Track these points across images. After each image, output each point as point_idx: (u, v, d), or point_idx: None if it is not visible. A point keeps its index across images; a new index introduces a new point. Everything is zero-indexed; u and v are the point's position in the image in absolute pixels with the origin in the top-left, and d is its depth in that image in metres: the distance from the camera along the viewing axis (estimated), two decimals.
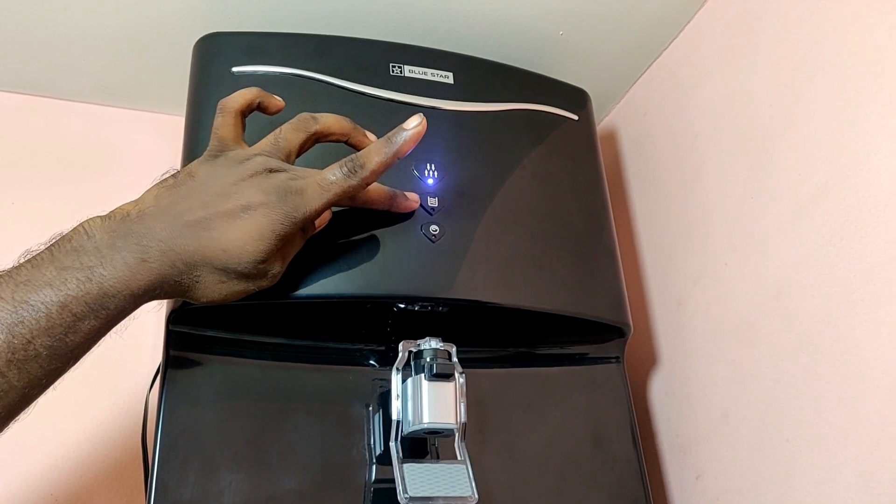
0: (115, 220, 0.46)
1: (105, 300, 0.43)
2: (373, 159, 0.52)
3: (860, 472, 0.56)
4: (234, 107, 0.54)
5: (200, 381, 0.59)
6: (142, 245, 0.45)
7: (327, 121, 0.56)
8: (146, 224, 0.46)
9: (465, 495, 0.55)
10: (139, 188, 0.87)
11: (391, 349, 0.62)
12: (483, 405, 0.66)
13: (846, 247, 0.59)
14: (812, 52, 0.64)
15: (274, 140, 0.53)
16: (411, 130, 0.53)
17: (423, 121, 0.53)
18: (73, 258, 0.43)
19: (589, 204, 0.73)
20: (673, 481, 0.78)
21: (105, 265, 0.43)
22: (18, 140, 0.85)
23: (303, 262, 0.56)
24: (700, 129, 0.78)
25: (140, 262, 0.44)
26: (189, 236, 0.46)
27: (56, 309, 0.41)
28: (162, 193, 0.49)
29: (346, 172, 0.51)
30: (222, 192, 0.48)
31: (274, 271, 0.51)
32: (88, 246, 0.44)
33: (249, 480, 0.56)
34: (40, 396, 0.43)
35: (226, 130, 0.53)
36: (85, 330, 0.42)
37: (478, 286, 0.62)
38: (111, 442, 0.76)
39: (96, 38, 0.78)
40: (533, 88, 0.75)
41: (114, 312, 0.44)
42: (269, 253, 0.49)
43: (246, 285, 0.50)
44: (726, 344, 0.72)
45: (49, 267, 0.42)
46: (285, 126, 0.54)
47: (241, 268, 0.48)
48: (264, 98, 0.56)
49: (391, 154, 0.52)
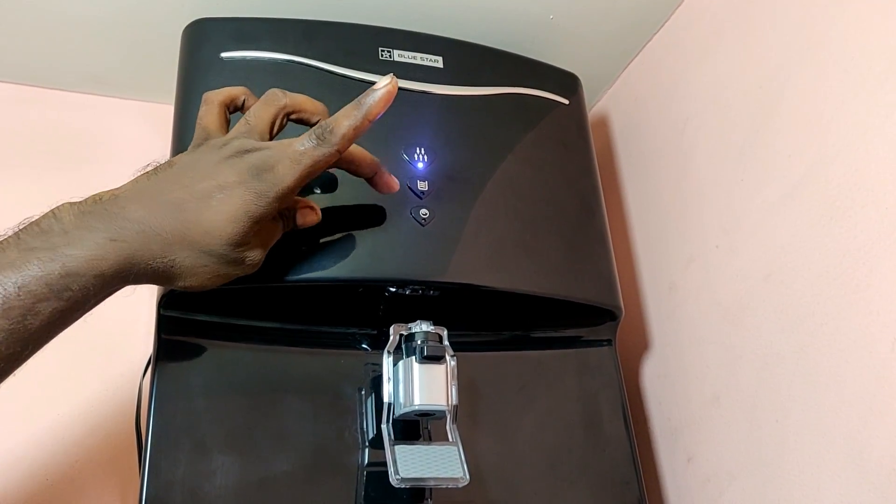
0: (86, 204, 0.45)
1: (68, 280, 0.41)
2: (342, 123, 0.50)
3: (850, 451, 0.56)
4: (218, 98, 0.54)
5: (192, 364, 0.59)
6: (113, 224, 0.44)
7: (298, 98, 0.54)
8: (119, 205, 0.45)
9: (457, 476, 0.56)
10: (128, 177, 0.86)
11: (383, 333, 0.62)
12: (475, 388, 0.66)
13: (836, 227, 0.59)
14: (802, 34, 0.64)
15: (244, 121, 0.52)
16: (381, 90, 0.50)
17: (394, 80, 0.51)
18: (40, 240, 0.42)
19: (580, 188, 0.73)
20: (665, 464, 0.79)
21: (72, 245, 0.42)
22: (5, 129, 0.85)
23: (294, 246, 0.56)
24: (691, 113, 0.78)
25: (109, 241, 0.43)
26: (164, 215, 0.45)
27: (14, 290, 0.39)
28: (140, 179, 0.48)
29: (316, 141, 0.49)
30: (199, 174, 0.48)
31: (252, 257, 0.50)
32: (56, 227, 0.42)
33: (241, 463, 0.56)
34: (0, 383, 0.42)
35: (209, 119, 0.53)
36: (46, 312, 0.41)
37: (468, 270, 0.62)
38: (105, 425, 0.76)
39: (83, 27, 0.77)
40: (523, 73, 0.75)
41: (78, 294, 0.42)
42: (246, 235, 0.48)
43: (226, 270, 0.49)
44: (717, 326, 0.72)
45: (13, 249, 0.41)
46: (255, 104, 0.53)
47: (218, 250, 0.47)
48: (250, 98, 0.56)
49: (361, 117, 0.50)
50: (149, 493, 0.53)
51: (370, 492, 0.60)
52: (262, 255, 0.51)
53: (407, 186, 0.63)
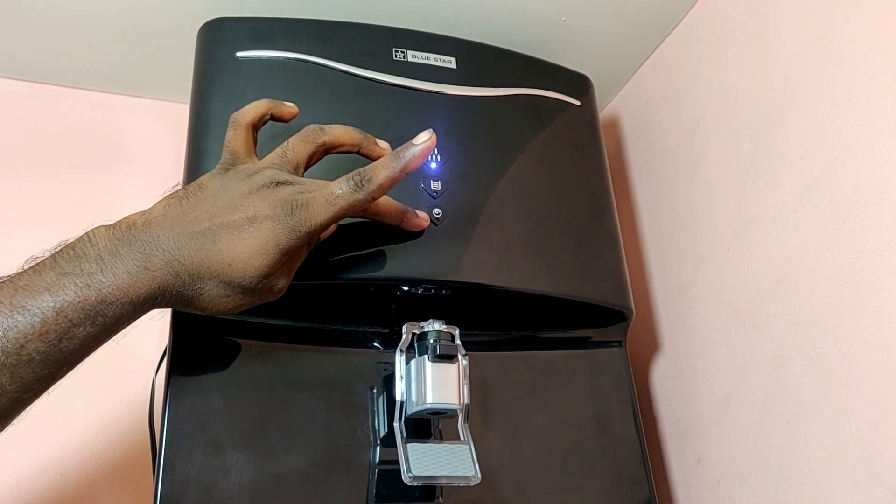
0: (119, 229, 0.46)
1: (103, 307, 0.43)
2: (380, 174, 0.51)
3: (861, 453, 0.56)
4: (246, 120, 0.55)
5: (207, 362, 0.59)
6: (145, 253, 0.45)
7: (336, 132, 0.55)
8: (152, 233, 0.46)
9: (469, 475, 0.56)
10: (143, 176, 0.87)
11: (394, 332, 0.63)
12: (486, 388, 0.66)
13: (848, 230, 0.59)
14: (815, 36, 0.64)
15: (282, 153, 0.53)
16: (420, 146, 0.52)
17: (433, 136, 0.53)
18: (75, 264, 0.43)
19: (591, 189, 0.73)
20: (674, 465, 0.79)
21: (105, 272, 0.43)
22: (24, 127, 0.86)
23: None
24: (702, 114, 0.79)
25: (142, 269, 0.44)
26: (195, 247, 0.46)
27: (52, 314, 0.41)
28: (171, 204, 0.49)
29: (353, 186, 0.50)
30: (230, 204, 0.48)
31: (279, 286, 0.51)
32: (91, 253, 0.44)
33: (255, 460, 0.57)
34: (35, 401, 0.42)
35: (237, 143, 0.54)
36: (80, 336, 0.42)
37: (481, 269, 0.63)
38: (119, 421, 0.76)
39: (100, 25, 0.78)
40: (535, 74, 0.75)
41: (111, 320, 0.43)
42: (274, 267, 0.49)
43: (251, 299, 0.50)
44: (728, 328, 0.72)
45: (49, 273, 0.42)
46: (293, 138, 0.54)
47: (246, 282, 0.48)
48: (276, 108, 0.56)
49: (399, 169, 0.51)
50: (164, 490, 0.53)
51: (381, 489, 0.60)
52: (289, 281, 0.52)
53: (420, 186, 0.63)
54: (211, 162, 0.60)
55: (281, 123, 0.58)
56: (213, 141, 0.61)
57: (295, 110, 0.58)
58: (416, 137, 0.53)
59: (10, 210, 0.82)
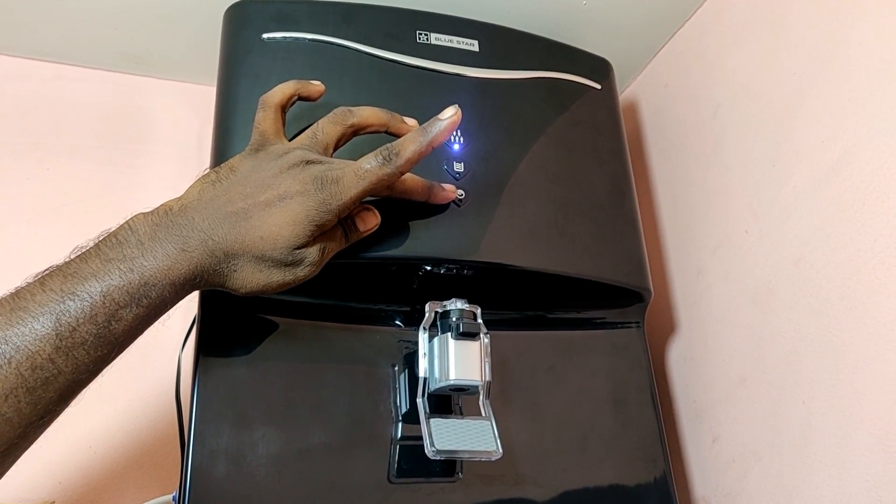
0: (157, 215, 0.48)
1: (146, 289, 0.45)
2: (408, 148, 0.53)
3: (876, 432, 0.57)
4: (275, 101, 0.56)
5: (234, 338, 0.60)
6: (182, 236, 0.47)
7: (364, 113, 0.57)
8: (188, 216, 0.48)
9: (490, 449, 0.57)
10: (166, 157, 0.88)
11: (416, 310, 0.64)
12: (505, 367, 0.67)
13: (867, 213, 0.59)
14: (836, 20, 0.64)
15: (312, 134, 0.55)
16: (446, 120, 0.54)
17: (458, 112, 0.55)
18: (117, 250, 0.45)
19: (611, 171, 0.74)
20: (690, 444, 0.80)
21: (146, 256, 0.45)
22: (50, 108, 0.87)
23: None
24: (722, 99, 0.79)
25: (180, 251, 0.46)
26: (228, 226, 0.48)
27: (99, 298, 0.43)
28: (205, 188, 0.50)
29: (381, 161, 0.52)
30: (261, 183, 0.50)
31: (310, 259, 0.52)
32: (132, 239, 0.46)
33: (281, 434, 0.58)
34: (91, 382, 0.45)
35: (267, 125, 0.55)
36: (128, 318, 0.44)
37: (502, 250, 0.63)
38: (145, 398, 0.78)
39: (126, 7, 0.79)
40: (556, 57, 0.76)
41: (156, 301, 0.45)
42: (304, 238, 0.50)
43: (283, 275, 0.51)
44: (745, 310, 0.73)
45: (95, 260, 0.44)
46: (323, 120, 0.56)
47: (277, 254, 0.49)
48: (303, 88, 0.58)
49: (426, 143, 0.53)
50: (194, 461, 0.55)
51: (403, 464, 0.61)
52: (321, 259, 0.53)
53: (444, 168, 0.64)
54: (238, 142, 0.61)
55: (307, 103, 0.59)
56: (239, 122, 0.62)
57: (322, 88, 0.59)
58: (442, 112, 0.55)
59: (40, 189, 0.83)
